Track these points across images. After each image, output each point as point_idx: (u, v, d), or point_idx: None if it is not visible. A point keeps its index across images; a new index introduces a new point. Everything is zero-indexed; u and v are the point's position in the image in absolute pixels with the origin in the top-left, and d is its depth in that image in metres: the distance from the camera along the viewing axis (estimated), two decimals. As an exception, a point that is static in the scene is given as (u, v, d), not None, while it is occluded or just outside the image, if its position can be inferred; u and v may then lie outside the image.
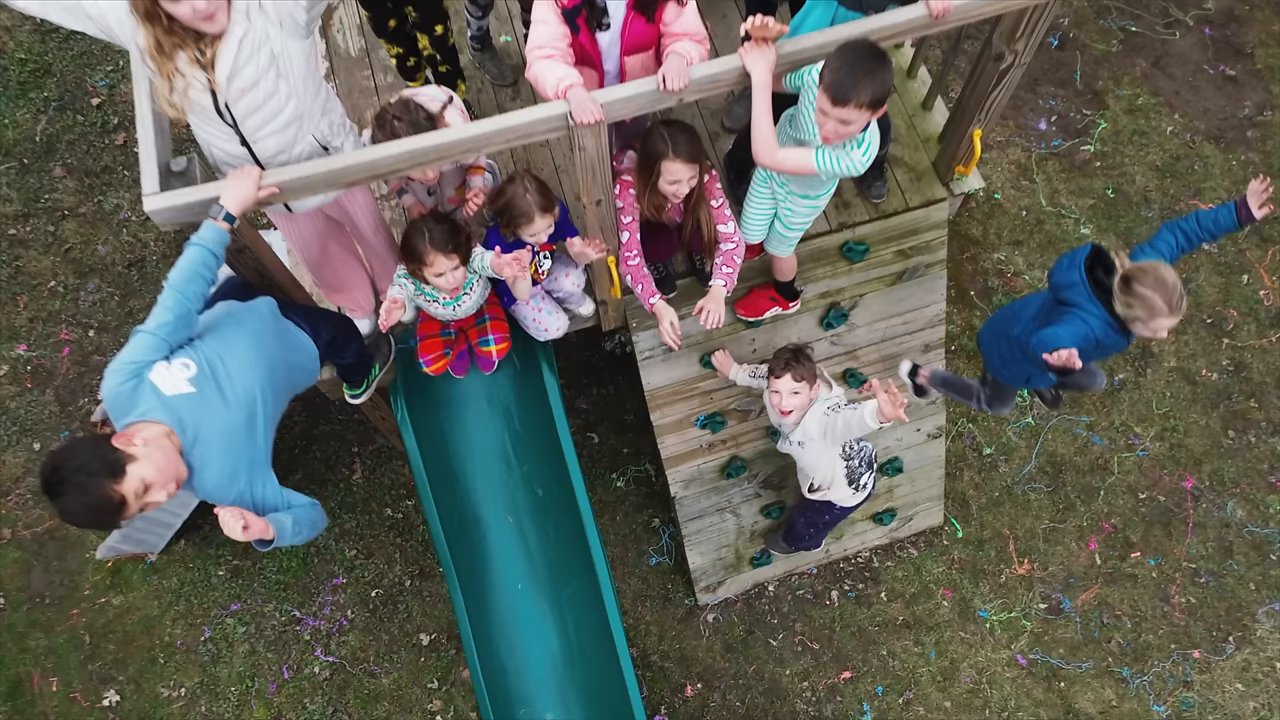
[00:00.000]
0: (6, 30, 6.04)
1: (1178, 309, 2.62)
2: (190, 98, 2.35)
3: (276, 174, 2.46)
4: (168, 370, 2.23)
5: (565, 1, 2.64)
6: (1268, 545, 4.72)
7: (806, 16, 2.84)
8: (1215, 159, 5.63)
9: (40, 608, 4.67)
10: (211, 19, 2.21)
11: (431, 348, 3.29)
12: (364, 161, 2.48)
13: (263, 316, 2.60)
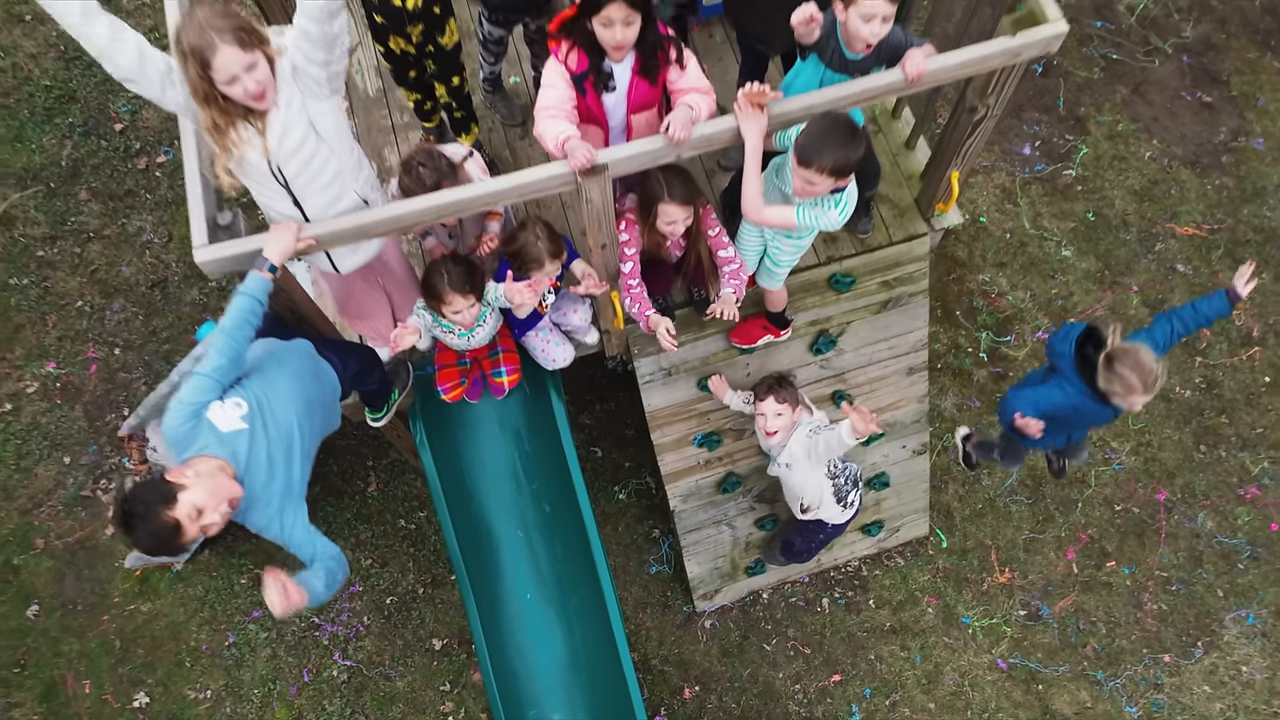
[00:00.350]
0: (32, 58, 6.29)
1: (1151, 389, 3.00)
2: (249, 162, 2.60)
3: (313, 227, 2.72)
4: (222, 409, 2.48)
5: (574, 68, 2.89)
6: (1235, 555, 4.98)
7: (797, 76, 3.09)
8: (1191, 184, 5.89)
9: (72, 614, 4.92)
10: (262, 98, 2.47)
11: (448, 377, 3.55)
12: (393, 215, 2.73)
13: (301, 357, 2.86)
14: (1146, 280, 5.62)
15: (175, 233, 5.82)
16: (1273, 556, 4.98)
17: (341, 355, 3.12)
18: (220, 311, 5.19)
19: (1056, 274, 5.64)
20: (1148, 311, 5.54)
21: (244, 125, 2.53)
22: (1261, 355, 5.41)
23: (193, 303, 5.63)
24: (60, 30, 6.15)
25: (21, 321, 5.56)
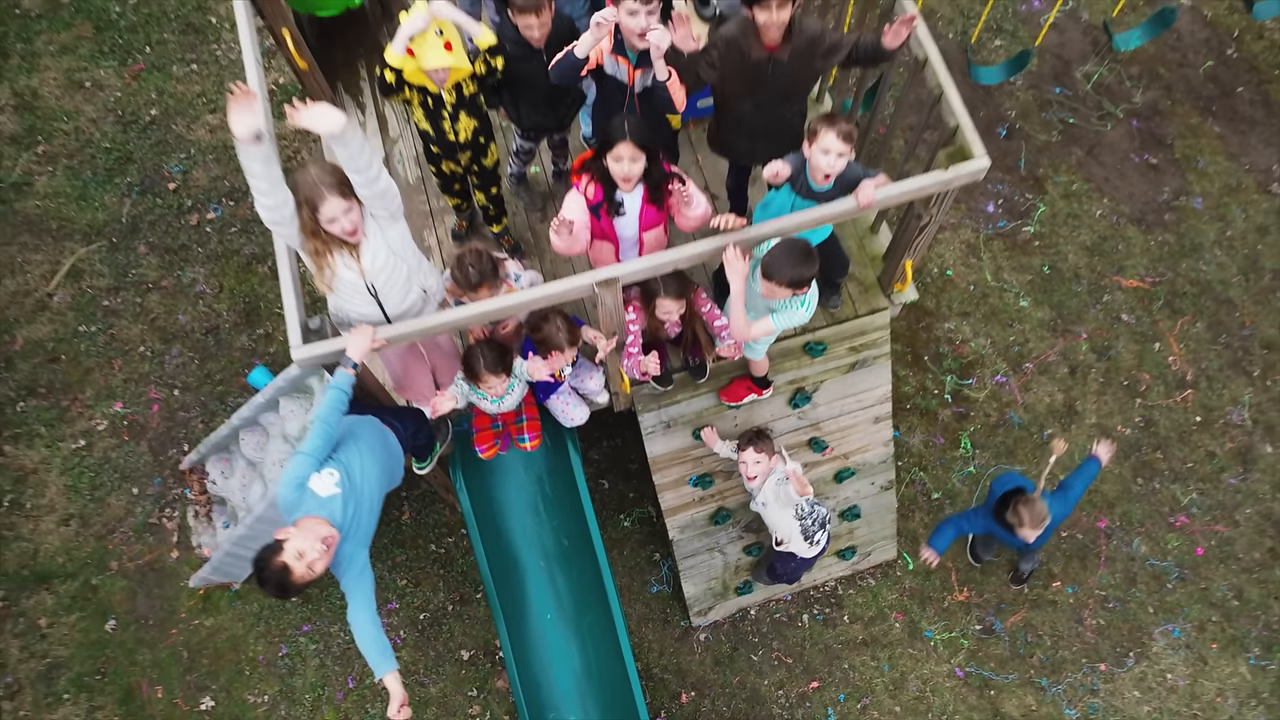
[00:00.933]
0: (93, 122, 6.96)
1: (1037, 528, 4.35)
2: (345, 281, 3.26)
3: (385, 330, 3.39)
4: (319, 479, 3.15)
5: (591, 198, 3.56)
6: (1165, 576, 5.67)
7: (772, 199, 3.77)
8: (1136, 240, 6.57)
9: (145, 628, 5.61)
10: (355, 234, 3.15)
11: (484, 439, 4.23)
12: (449, 320, 3.41)
13: (374, 430, 3.53)
14: (1095, 329, 6.30)
15: (225, 284, 6.49)
16: (1197, 578, 5.67)
17: (402, 419, 3.80)
18: (264, 356, 5.90)
19: (1014, 323, 6.32)
20: (1095, 357, 6.22)
21: (340, 254, 3.20)
22: (1194, 397, 6.09)
23: (242, 348, 6.30)
24: (118, 96, 6.83)
25: (91, 365, 6.23)
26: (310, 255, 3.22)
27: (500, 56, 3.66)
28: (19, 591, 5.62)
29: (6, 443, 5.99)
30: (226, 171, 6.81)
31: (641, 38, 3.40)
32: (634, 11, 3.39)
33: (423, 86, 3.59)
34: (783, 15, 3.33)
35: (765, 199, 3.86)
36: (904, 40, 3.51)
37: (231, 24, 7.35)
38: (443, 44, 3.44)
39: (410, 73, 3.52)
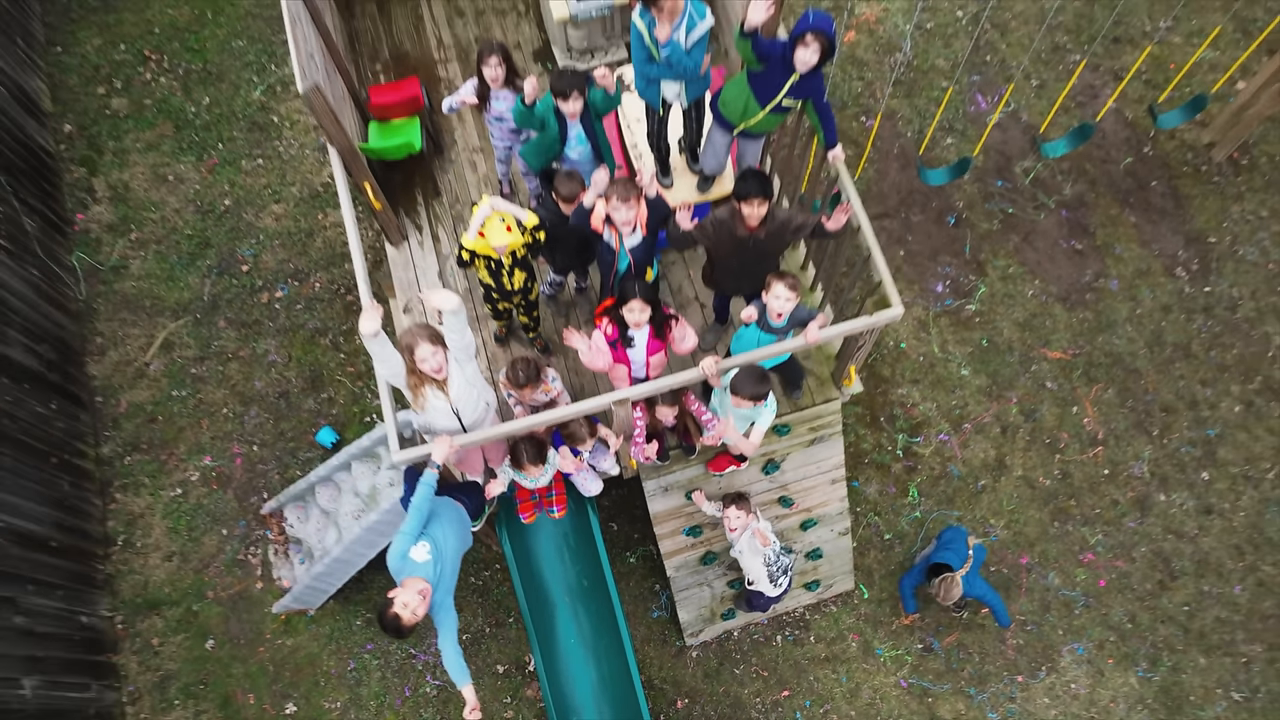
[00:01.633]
0: (176, 211, 8.17)
1: (947, 602, 5.88)
2: (434, 406, 4.47)
3: (460, 439, 4.60)
4: (416, 550, 4.36)
5: (609, 335, 4.79)
6: (1073, 604, 6.91)
7: (743, 334, 4.99)
8: (1061, 316, 7.79)
9: (237, 646, 6.84)
10: (441, 371, 4.37)
11: (525, 508, 5.47)
12: (505, 430, 4.63)
13: (450, 508, 4.74)
14: (1023, 394, 7.53)
15: (293, 354, 7.70)
16: (1100, 605, 6.91)
17: (467, 494, 5.03)
18: (328, 417, 7.08)
19: (956, 389, 7.54)
20: (1023, 419, 7.44)
21: (432, 388, 4.42)
22: (1103, 453, 7.33)
23: (309, 410, 7.52)
24: (198, 187, 8.02)
25: (183, 425, 7.45)
26: (409, 388, 4.44)
27: (542, 230, 4.89)
28: (134, 616, 6.85)
29: (117, 491, 7.22)
30: (291, 255, 8.02)
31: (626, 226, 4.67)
32: (615, 209, 4.62)
33: (488, 255, 4.81)
34: (761, 210, 4.55)
35: (737, 333, 5.09)
36: (844, 222, 4.71)
37: (291, 123, 8.58)
38: (504, 227, 4.67)
39: (479, 247, 4.75)
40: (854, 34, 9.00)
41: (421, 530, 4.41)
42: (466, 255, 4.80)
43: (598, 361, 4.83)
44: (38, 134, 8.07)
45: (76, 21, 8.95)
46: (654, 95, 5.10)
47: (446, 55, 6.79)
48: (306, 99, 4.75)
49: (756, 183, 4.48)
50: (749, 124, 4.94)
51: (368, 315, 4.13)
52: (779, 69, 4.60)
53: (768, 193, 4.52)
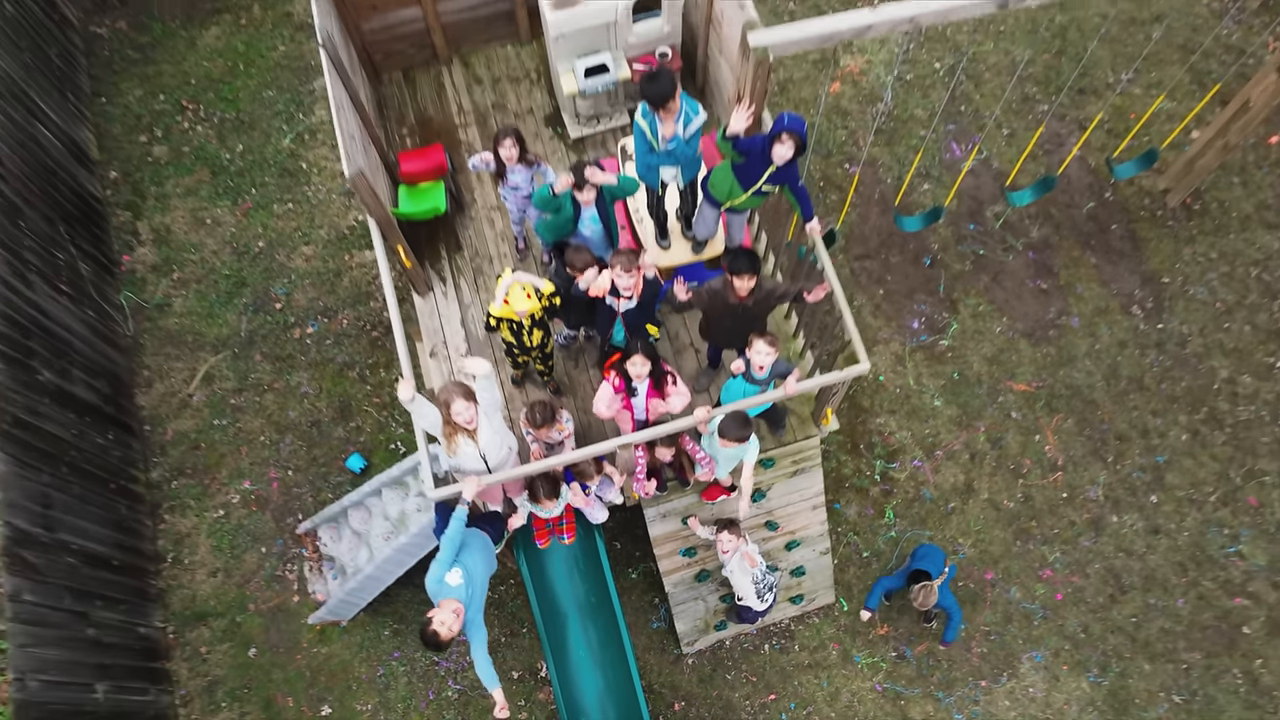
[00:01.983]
0: (214, 252, 8.88)
1: (924, 607, 6.26)
2: (465, 451, 5.19)
3: (487, 479, 5.33)
4: (450, 575, 5.07)
5: (616, 386, 5.52)
6: (1032, 615, 7.64)
7: (731, 385, 5.71)
8: (1026, 351, 8.51)
9: (277, 654, 7.56)
10: (472, 423, 5.10)
11: (541, 535, 6.19)
12: (526, 470, 5.36)
13: (478, 538, 5.45)
14: (991, 423, 8.25)
15: (324, 386, 8.41)
16: (1056, 616, 7.64)
17: (491, 523, 5.75)
18: (357, 444, 7.79)
19: (929, 419, 8.27)
20: (990, 446, 8.16)
21: (464, 436, 5.15)
22: (1062, 478, 8.05)
23: (339, 437, 8.23)
24: (234, 230, 8.73)
25: (224, 451, 8.17)
26: (444, 436, 5.17)
27: (557, 296, 5.62)
28: (184, 627, 7.57)
29: (166, 513, 7.94)
30: (320, 294, 8.74)
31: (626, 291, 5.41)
32: (619, 276, 5.35)
33: (510, 318, 5.55)
34: (750, 283, 5.28)
35: (725, 384, 5.82)
36: (821, 297, 5.44)
37: (318, 169, 9.30)
38: (525, 294, 5.40)
39: (504, 313, 5.48)
40: (839, 85, 9.72)
41: (455, 559, 5.13)
42: (493, 321, 5.53)
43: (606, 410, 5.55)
44: (87, 182, 8.79)
45: (119, 73, 9.67)
46: (654, 178, 5.83)
47: (466, 120, 7.51)
48: (352, 183, 5.47)
49: (746, 260, 5.22)
50: (734, 203, 5.67)
51: (405, 385, 4.88)
52: (758, 161, 5.32)
53: (756, 269, 5.25)
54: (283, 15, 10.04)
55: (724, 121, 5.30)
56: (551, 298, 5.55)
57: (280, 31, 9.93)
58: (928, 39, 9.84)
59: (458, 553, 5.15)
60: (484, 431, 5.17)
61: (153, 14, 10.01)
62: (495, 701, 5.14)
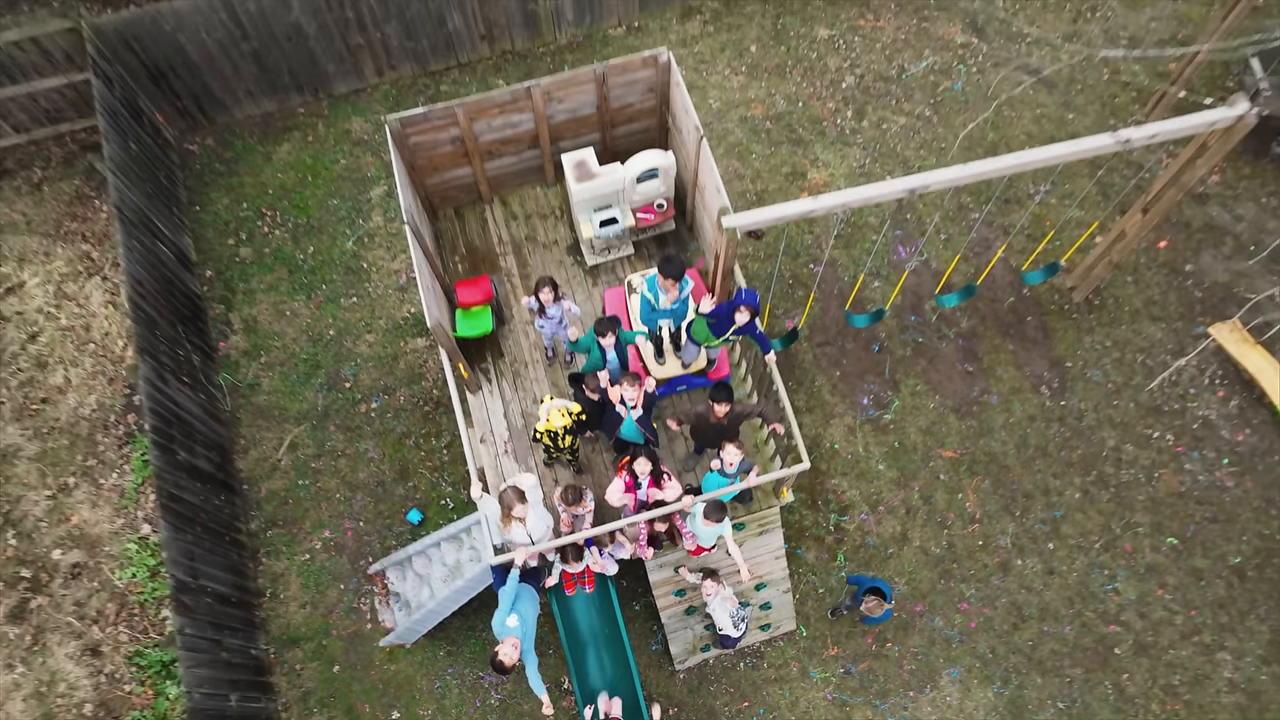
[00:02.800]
0: (294, 340, 10.88)
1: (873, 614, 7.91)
2: (515, 532, 7.22)
3: (531, 549, 7.36)
4: (509, 619, 7.10)
5: (627, 483, 7.56)
6: (951, 640, 9.69)
7: (710, 478, 7.75)
8: (954, 424, 10.54)
9: (355, 670, 9.60)
10: (524, 515, 7.13)
11: (568, 585, 8.22)
12: (559, 542, 7.39)
13: (527, 591, 7.48)
14: (923, 484, 10.28)
15: (386, 452, 10.43)
16: (970, 641, 9.68)
17: (535, 578, 7.79)
18: (414, 500, 9.93)
19: (874, 480, 10.30)
20: (922, 503, 10.19)
21: (516, 522, 7.18)
22: (979, 529, 10.09)
23: (400, 496, 10.25)
24: (308, 320, 10.76)
25: (307, 506, 10.19)
26: (502, 521, 7.19)
27: (583, 414, 7.65)
28: (282, 649, 9.60)
29: (263, 557, 9.96)
30: (381, 374, 10.75)
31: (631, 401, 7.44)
32: (626, 390, 7.38)
33: (550, 430, 7.58)
34: (725, 409, 7.32)
35: (706, 475, 7.85)
36: (781, 432, 7.47)
37: (377, 269, 11.30)
38: (560, 414, 7.44)
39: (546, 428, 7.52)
40: (806, 194, 11.76)
41: (512, 607, 7.17)
42: (539, 435, 7.57)
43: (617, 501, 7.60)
44: (190, 282, 10.80)
45: (209, 185, 11.69)
46: (654, 324, 7.87)
47: (505, 249, 9.53)
48: (433, 330, 7.49)
49: (724, 393, 7.27)
50: (710, 344, 7.71)
51: (475, 486, 6.94)
52: (725, 320, 7.35)
53: (730, 398, 7.30)
54: (343, 132, 12.05)
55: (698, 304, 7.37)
56: (578, 416, 7.59)
57: (341, 147, 11.95)
58: (880, 154, 11.87)
59: (514, 602, 7.19)
60: (531, 518, 7.20)
61: (235, 132, 12.03)
62: (543, 703, 7.16)
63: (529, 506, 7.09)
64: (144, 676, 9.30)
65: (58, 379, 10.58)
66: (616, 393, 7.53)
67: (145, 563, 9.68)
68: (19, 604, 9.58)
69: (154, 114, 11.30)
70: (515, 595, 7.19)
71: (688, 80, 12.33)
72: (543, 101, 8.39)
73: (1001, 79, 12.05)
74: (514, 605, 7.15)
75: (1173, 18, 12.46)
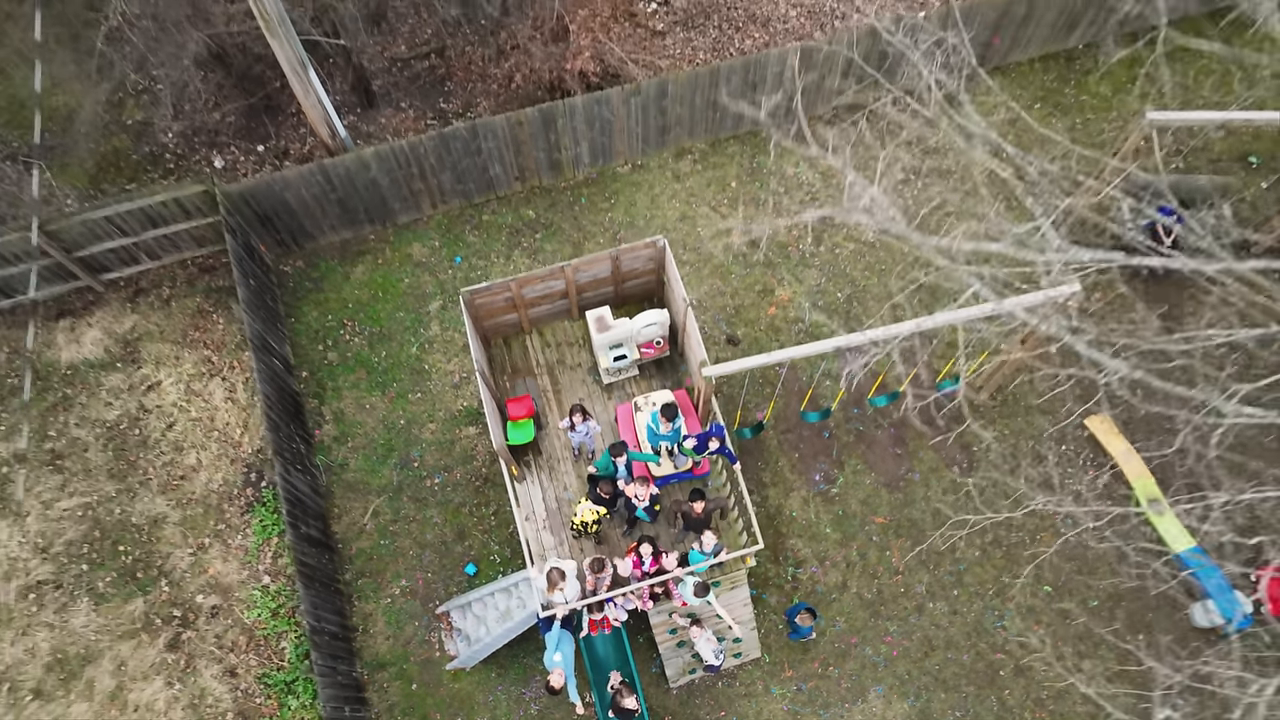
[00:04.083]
0: (372, 428, 14.00)
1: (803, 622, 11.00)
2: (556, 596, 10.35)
3: (568, 606, 10.48)
4: (555, 657, 10.20)
5: (635, 563, 10.69)
6: (878, 665, 12.82)
7: (693, 556, 10.89)
8: (885, 496, 13.68)
9: (428, 688, 12.73)
10: (563, 585, 10.27)
11: (592, 628, 11.36)
12: (585, 602, 10.52)
13: (566, 635, 10.59)
14: (860, 544, 13.43)
15: (447, 518, 13.57)
16: (893, 665, 12.82)
17: (570, 624, 10.92)
18: (471, 556, 13.24)
19: (823, 541, 13.45)
20: (859, 558, 13.35)
21: (557, 589, 10.32)
22: (901, 579, 13.24)
23: (459, 553, 13.39)
24: (383, 412, 13.97)
25: (387, 561, 13.32)
26: (547, 589, 10.32)
27: (607, 511, 10.78)
28: (373, 671, 12.74)
29: (355, 601, 13.10)
30: (442, 456, 13.87)
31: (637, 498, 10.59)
32: (635, 490, 10.54)
33: (583, 522, 10.72)
34: (701, 505, 10.46)
35: (690, 554, 10.98)
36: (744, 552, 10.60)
37: (437, 370, 14.41)
38: (590, 513, 10.58)
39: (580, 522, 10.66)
40: (774, 309, 14.88)
41: (556, 647, 10.32)
42: (576, 526, 10.73)
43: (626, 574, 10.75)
44: (291, 383, 13.92)
45: (301, 299, 14.80)
46: (656, 443, 11.01)
47: (540, 370, 12.65)
48: (497, 451, 10.61)
49: (699, 494, 10.42)
50: (694, 457, 10.86)
51: (537, 574, 10.09)
52: (703, 443, 10.49)
53: (705, 496, 10.46)
54: (405, 256, 15.16)
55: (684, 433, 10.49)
56: (602, 515, 10.73)
57: (404, 268, 15.06)
58: (834, 274, 14.99)
59: (558, 644, 10.34)
60: (568, 588, 10.34)
61: (320, 255, 15.14)
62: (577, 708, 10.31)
63: (567, 580, 10.22)
64: (270, 692, 12.43)
65: (191, 460, 13.70)
66: (632, 489, 10.65)
67: (267, 605, 12.81)
68: (174, 637, 12.72)
69: (259, 246, 14.40)
70: (559, 639, 10.32)
71: (679, 212, 15.47)
72: (572, 274, 11.51)
73: (930, 209, 15.15)
74: (557, 645, 10.29)
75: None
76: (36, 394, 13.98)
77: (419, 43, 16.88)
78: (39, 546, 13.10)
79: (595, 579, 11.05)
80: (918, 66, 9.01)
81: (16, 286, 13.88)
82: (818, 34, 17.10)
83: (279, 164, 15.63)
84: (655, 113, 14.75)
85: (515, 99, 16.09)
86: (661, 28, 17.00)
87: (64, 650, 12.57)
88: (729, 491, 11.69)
